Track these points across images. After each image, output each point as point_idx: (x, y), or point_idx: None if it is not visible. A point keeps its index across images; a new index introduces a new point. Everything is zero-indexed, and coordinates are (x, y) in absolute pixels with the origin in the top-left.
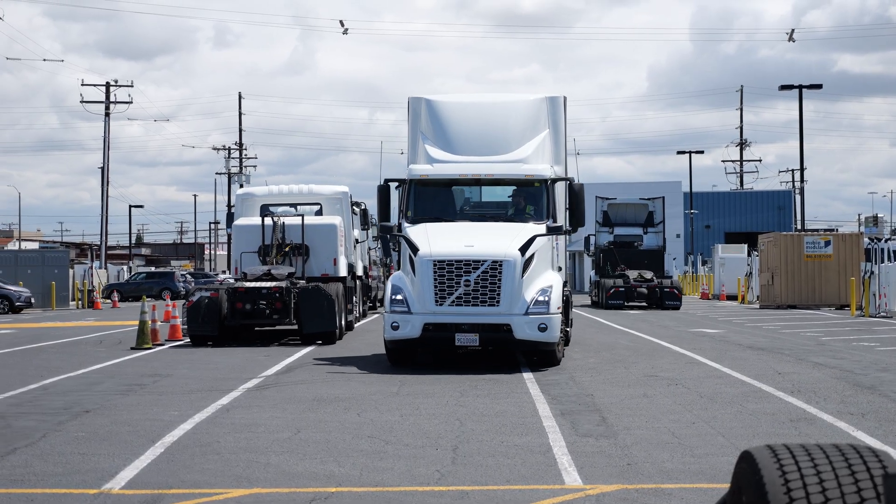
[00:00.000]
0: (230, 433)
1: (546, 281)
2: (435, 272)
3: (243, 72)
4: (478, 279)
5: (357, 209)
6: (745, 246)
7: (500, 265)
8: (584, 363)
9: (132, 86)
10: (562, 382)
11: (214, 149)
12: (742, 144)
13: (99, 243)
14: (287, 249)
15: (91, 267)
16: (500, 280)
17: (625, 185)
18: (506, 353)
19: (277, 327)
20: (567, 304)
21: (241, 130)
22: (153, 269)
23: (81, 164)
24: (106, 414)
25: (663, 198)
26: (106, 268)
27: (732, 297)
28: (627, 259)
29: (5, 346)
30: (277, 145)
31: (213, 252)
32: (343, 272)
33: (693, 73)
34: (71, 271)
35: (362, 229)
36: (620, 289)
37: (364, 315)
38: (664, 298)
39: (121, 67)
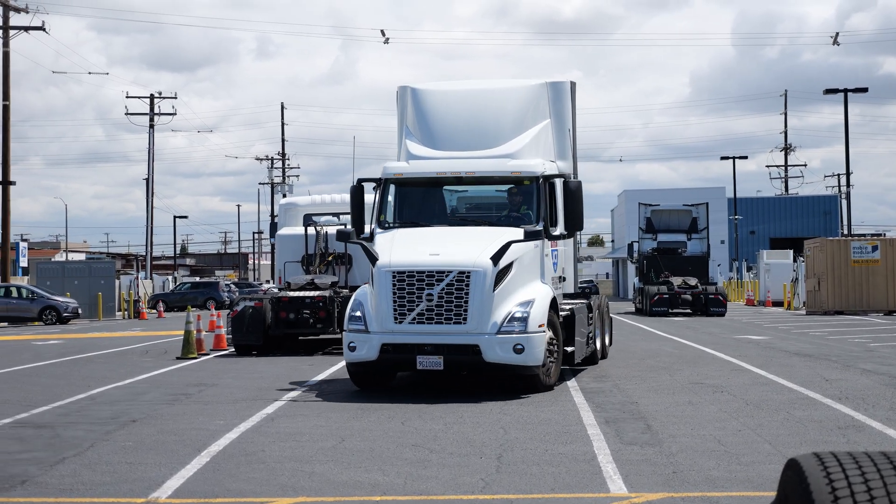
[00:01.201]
0: (275, 442)
1: (528, 294)
2: (394, 285)
3: (285, 82)
4: (442, 293)
5: None
6: (791, 251)
7: (468, 277)
8: (629, 371)
9: (176, 97)
10: (606, 390)
11: (257, 159)
12: (787, 149)
13: (144, 254)
14: (330, 259)
15: (137, 277)
16: (466, 294)
17: (668, 192)
18: None
19: (321, 336)
20: (581, 316)
21: (283, 141)
22: (198, 279)
23: (126, 175)
24: (152, 423)
25: (707, 204)
26: (151, 278)
27: (778, 304)
28: (671, 266)
29: (54, 356)
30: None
31: (256, 262)
32: None
33: (736, 77)
34: (117, 282)
35: None
36: (664, 296)
37: None
38: (709, 305)
39: (165, 79)
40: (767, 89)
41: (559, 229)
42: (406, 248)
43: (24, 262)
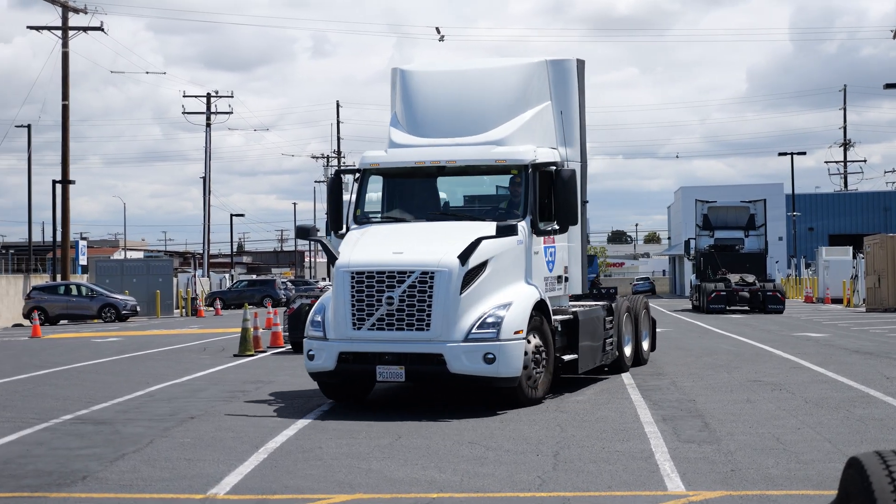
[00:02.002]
0: (332, 439)
1: (505, 297)
2: (352, 287)
3: (340, 80)
4: (403, 296)
5: None
6: (850, 248)
7: (431, 277)
8: (686, 368)
9: (232, 96)
10: (663, 387)
11: (313, 157)
12: (846, 145)
13: (201, 252)
14: None
15: (194, 275)
16: (430, 297)
17: (725, 188)
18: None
19: None
20: (590, 320)
21: (338, 139)
22: (254, 276)
23: (184, 174)
24: (210, 420)
25: (765, 200)
26: (209, 276)
27: (837, 301)
28: (729, 262)
29: (113, 353)
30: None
31: (312, 260)
32: None
33: (794, 73)
34: (175, 280)
35: None
36: (722, 293)
37: None
38: (767, 302)
39: (221, 79)
40: (826, 84)
41: (555, 223)
42: (371, 245)
43: (83, 261)
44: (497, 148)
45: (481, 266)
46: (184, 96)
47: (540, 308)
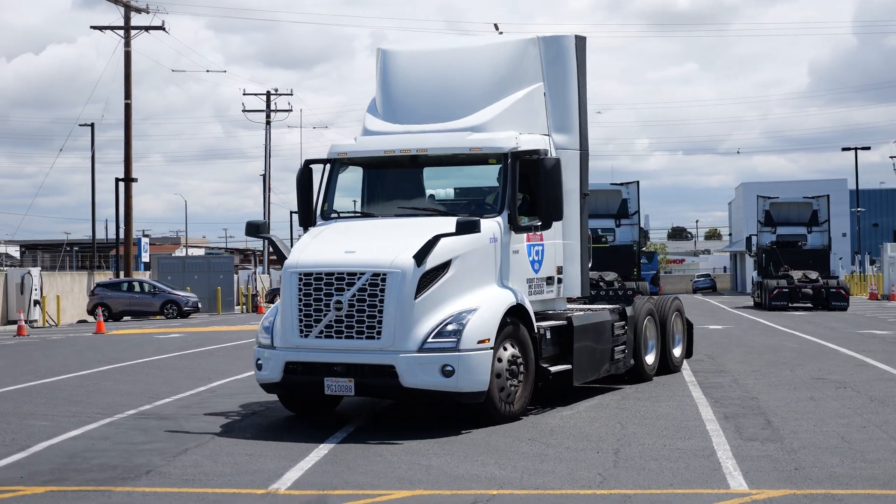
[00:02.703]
0: (392, 435)
1: (470, 302)
2: (300, 289)
3: None
4: (353, 300)
5: None
6: None
7: (383, 279)
8: (748, 366)
9: (291, 94)
10: (725, 385)
11: None
12: None
13: (262, 249)
14: None
15: (255, 272)
16: (381, 301)
17: (787, 184)
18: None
19: None
20: (590, 326)
21: None
22: None
23: (244, 171)
24: (271, 415)
25: (828, 196)
26: (269, 273)
27: None
28: (791, 259)
29: (175, 349)
30: None
31: None
32: None
33: (857, 67)
34: (235, 276)
35: None
36: (784, 289)
37: None
38: (830, 299)
39: (280, 76)
40: (891, 78)
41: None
42: (325, 243)
43: (145, 258)
44: (473, 135)
45: (442, 267)
46: (244, 94)
47: (518, 313)
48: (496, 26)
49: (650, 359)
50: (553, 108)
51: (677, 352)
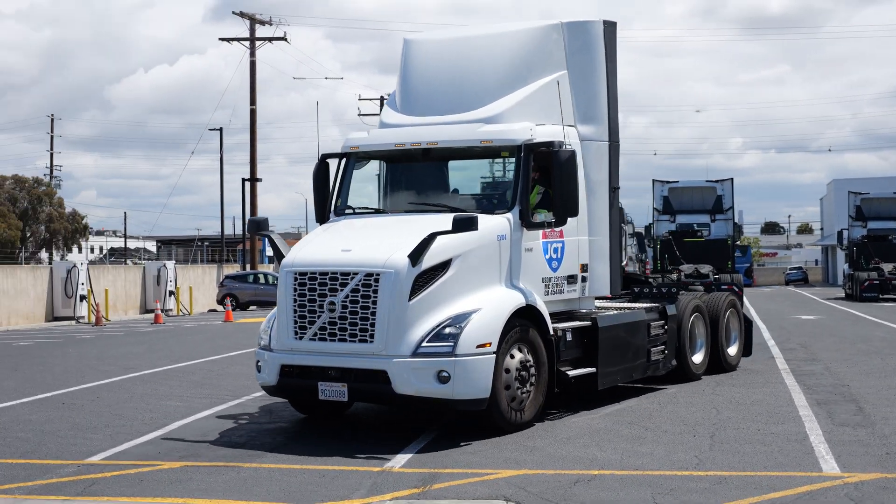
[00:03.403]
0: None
1: (473, 302)
2: (295, 290)
3: None
4: (346, 301)
5: None
6: None
7: (376, 279)
8: (840, 354)
9: None
10: (817, 373)
11: None
12: None
13: None
14: None
15: None
16: (373, 302)
17: (879, 180)
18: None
19: None
20: (620, 327)
21: None
22: None
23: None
24: None
25: None
26: None
27: None
28: (882, 252)
29: None
30: None
31: None
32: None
33: None
34: None
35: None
36: (875, 281)
37: None
38: None
39: (393, 82)
40: None
41: (545, 217)
42: (324, 241)
43: (269, 252)
44: (484, 127)
45: (441, 266)
46: (359, 99)
47: (529, 315)
48: None
49: (698, 358)
50: (578, 97)
51: (732, 350)
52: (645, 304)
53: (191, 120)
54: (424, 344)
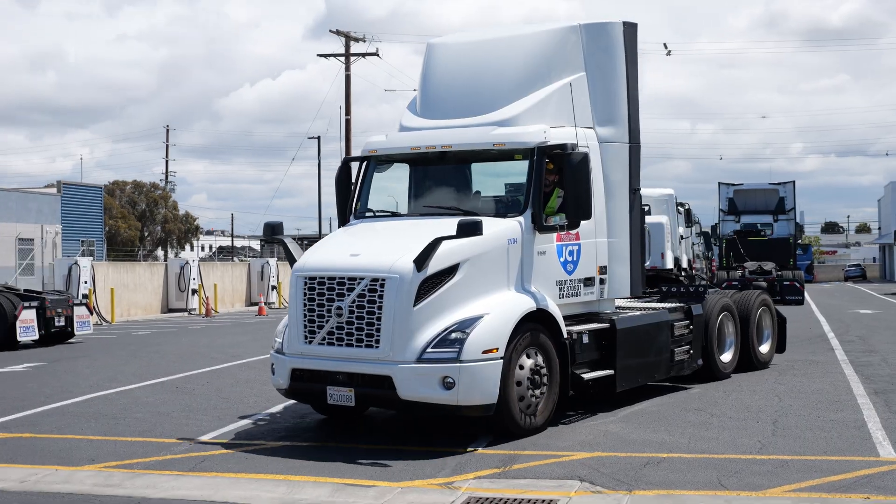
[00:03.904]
0: (575, 406)
1: (480, 307)
2: (305, 294)
3: None
4: (353, 306)
5: (681, 209)
6: None
7: (382, 285)
8: None
9: None
10: (874, 364)
11: None
12: None
13: None
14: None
15: None
16: (379, 307)
17: None
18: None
19: None
20: (639, 329)
21: None
22: None
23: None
24: None
25: None
26: None
27: None
28: None
29: None
30: None
31: None
32: (669, 265)
33: None
34: None
35: (686, 227)
36: None
37: None
38: None
39: None
40: None
41: (555, 220)
42: (336, 245)
43: None
44: (498, 129)
45: (448, 271)
46: None
47: (542, 318)
48: (665, 45)
49: (726, 357)
50: (597, 99)
51: (764, 348)
52: (669, 305)
53: (291, 129)
54: (429, 350)
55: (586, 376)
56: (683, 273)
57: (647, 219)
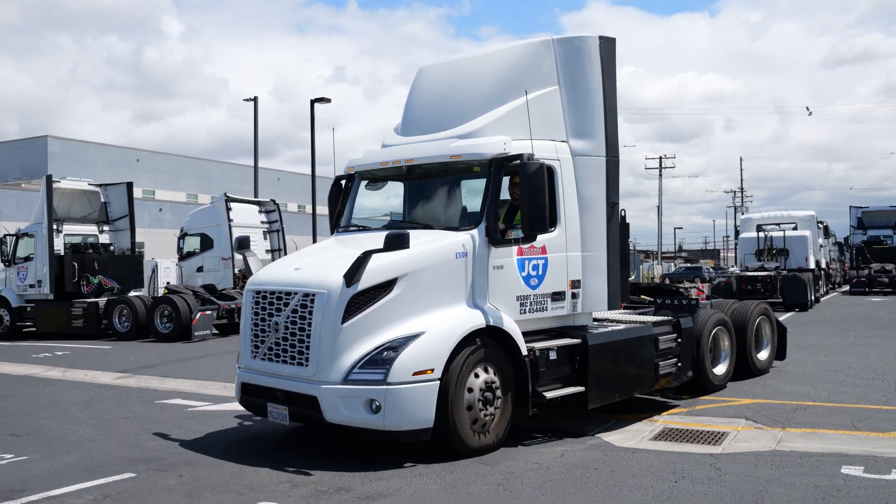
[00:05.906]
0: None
1: (418, 325)
2: (253, 308)
3: (741, 143)
4: (287, 321)
5: (821, 225)
6: None
7: (312, 300)
8: None
9: (675, 157)
10: None
11: (726, 192)
12: None
13: (656, 250)
14: (774, 252)
15: (651, 266)
16: (309, 324)
17: None
18: None
19: (769, 300)
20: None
21: (741, 179)
22: (689, 265)
23: (645, 205)
24: None
25: None
26: (661, 264)
27: None
28: None
29: None
30: (766, 188)
31: (726, 254)
32: (812, 266)
33: None
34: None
35: (825, 238)
36: None
37: (826, 293)
38: None
39: (668, 147)
40: None
41: (522, 230)
42: (290, 259)
43: None
44: (456, 142)
45: (384, 286)
46: (645, 158)
47: (497, 334)
48: (807, 108)
49: (720, 369)
50: (571, 112)
51: (762, 355)
52: (655, 318)
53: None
54: (356, 370)
55: (550, 394)
56: (822, 272)
57: (794, 233)
